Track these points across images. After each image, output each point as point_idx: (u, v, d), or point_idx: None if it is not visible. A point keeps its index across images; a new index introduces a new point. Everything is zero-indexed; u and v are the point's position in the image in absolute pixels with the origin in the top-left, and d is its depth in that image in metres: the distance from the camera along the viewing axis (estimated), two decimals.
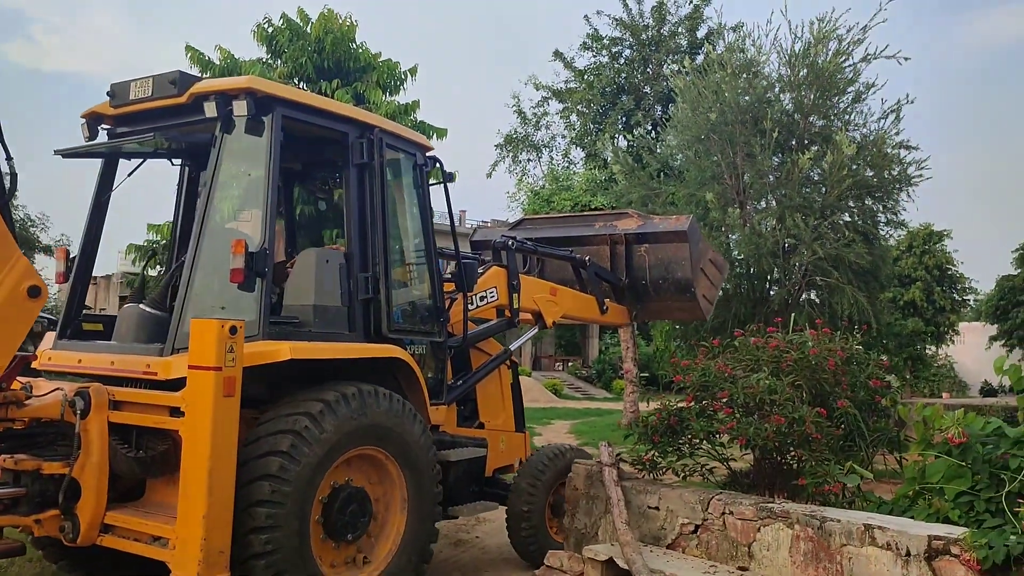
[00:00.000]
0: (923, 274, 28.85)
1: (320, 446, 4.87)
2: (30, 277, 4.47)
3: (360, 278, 5.67)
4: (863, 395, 6.94)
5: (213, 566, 4.37)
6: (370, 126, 5.94)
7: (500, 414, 7.29)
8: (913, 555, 4.72)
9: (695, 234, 8.49)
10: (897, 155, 14.82)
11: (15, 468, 4.81)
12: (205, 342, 4.47)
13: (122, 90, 5.62)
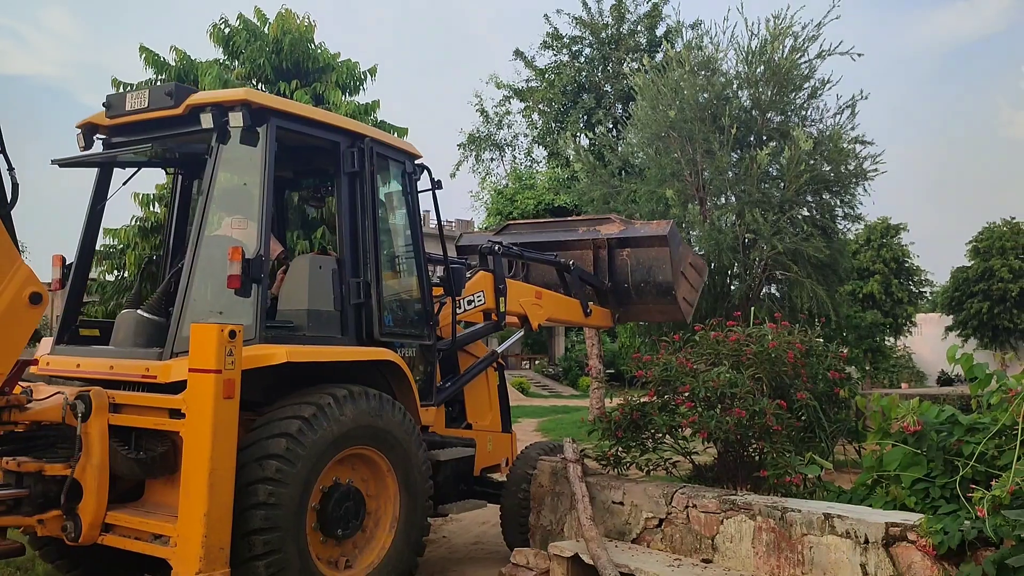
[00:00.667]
0: (881, 267, 29.36)
1: (315, 448, 5.01)
2: (32, 284, 4.54)
3: (352, 283, 5.81)
4: (822, 387, 7.05)
5: (214, 562, 4.49)
6: (361, 136, 6.08)
7: (487, 415, 7.48)
8: (871, 542, 4.80)
9: (675, 238, 8.72)
10: (853, 150, 15.06)
11: (18, 470, 4.93)
12: (205, 346, 4.58)
13: (118, 101, 5.75)
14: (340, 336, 5.73)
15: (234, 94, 5.47)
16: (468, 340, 7.20)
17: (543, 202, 30.45)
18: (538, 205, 30.50)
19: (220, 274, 5.19)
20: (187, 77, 15.05)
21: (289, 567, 4.83)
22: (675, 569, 5.40)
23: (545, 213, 30.26)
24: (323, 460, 5.12)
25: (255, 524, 4.73)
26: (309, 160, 6.49)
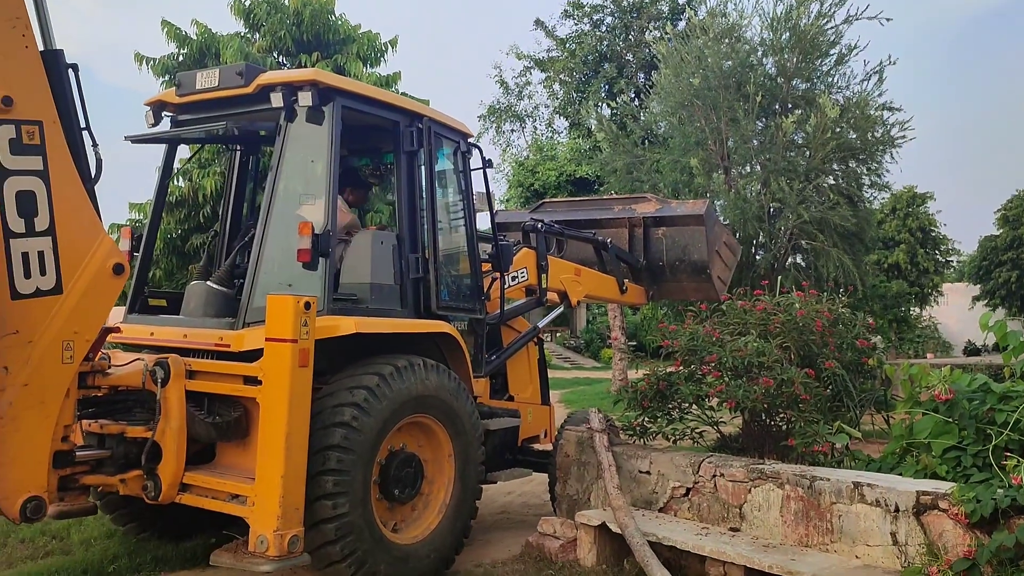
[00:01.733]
0: (907, 236, 29.05)
1: (379, 416, 5.23)
2: (115, 255, 4.75)
3: (411, 258, 6.00)
4: (850, 356, 6.99)
5: (290, 521, 4.69)
6: (419, 115, 6.20)
7: (528, 387, 7.62)
8: (902, 511, 4.78)
9: (711, 218, 8.86)
10: (880, 117, 14.79)
11: (100, 432, 5.22)
12: (282, 316, 4.74)
13: (188, 80, 5.93)
14: (400, 309, 5.94)
15: (303, 74, 5.64)
16: (513, 315, 7.40)
17: (565, 173, 30.23)
18: (560, 176, 30.30)
19: (289, 248, 5.39)
20: (208, 51, 15.06)
21: (356, 530, 5.07)
22: (703, 537, 5.41)
23: (567, 184, 30.08)
24: (386, 428, 5.34)
25: (325, 489, 4.95)
26: (364, 138, 6.61)
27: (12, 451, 4.39)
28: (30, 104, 4.43)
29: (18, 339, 4.38)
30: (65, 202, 4.56)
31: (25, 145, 4.42)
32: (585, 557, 5.82)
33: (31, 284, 4.43)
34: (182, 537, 6.33)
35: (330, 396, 5.18)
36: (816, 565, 4.84)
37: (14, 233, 4.37)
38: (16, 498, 4.43)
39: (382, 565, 5.23)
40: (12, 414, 4.38)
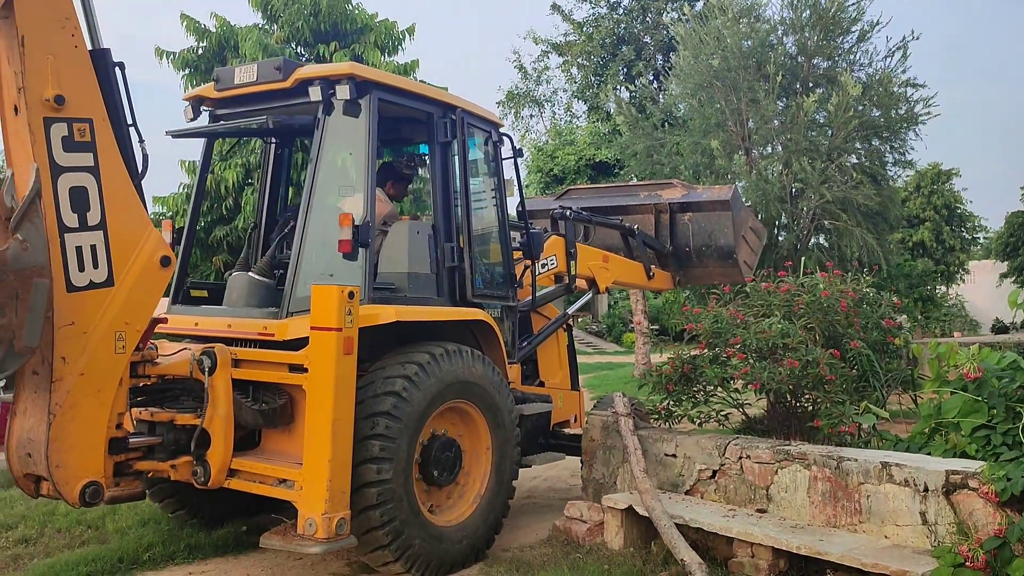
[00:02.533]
0: (932, 214, 28.69)
1: (419, 403, 5.38)
2: (162, 248, 4.91)
3: (446, 247, 6.10)
4: (876, 336, 6.95)
5: (337, 504, 4.84)
6: (453, 107, 6.29)
7: (558, 373, 7.74)
8: (931, 490, 4.76)
9: (737, 203, 8.92)
10: (904, 93, 14.59)
11: (151, 419, 5.38)
12: (327, 306, 4.87)
13: (226, 75, 6.06)
14: (436, 297, 6.04)
15: (340, 68, 5.72)
16: (544, 301, 7.49)
17: (584, 157, 30.12)
18: (579, 161, 30.19)
19: (330, 239, 5.50)
20: (228, 43, 15.12)
21: (400, 514, 5.23)
22: (730, 519, 5.42)
23: (587, 169, 29.98)
24: (426, 414, 5.49)
25: (370, 477, 5.10)
26: (396, 129, 6.67)
27: (71, 438, 4.58)
28: (81, 102, 4.57)
29: (74, 330, 4.54)
30: (115, 197, 4.71)
31: (77, 142, 4.55)
32: (612, 540, 5.85)
33: (85, 277, 4.58)
34: (226, 522, 6.56)
35: (371, 386, 5.31)
36: (844, 545, 4.83)
37: (68, 228, 4.51)
38: (76, 483, 4.61)
39: (417, 540, 5.38)
40: (70, 402, 4.54)
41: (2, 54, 4.44)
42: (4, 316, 4.06)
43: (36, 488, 4.79)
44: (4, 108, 4.52)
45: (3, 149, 4.76)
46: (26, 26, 4.36)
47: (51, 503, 6.96)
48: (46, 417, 4.50)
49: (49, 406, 4.50)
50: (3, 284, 4.04)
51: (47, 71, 4.44)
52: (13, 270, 4.08)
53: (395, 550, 5.26)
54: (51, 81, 4.44)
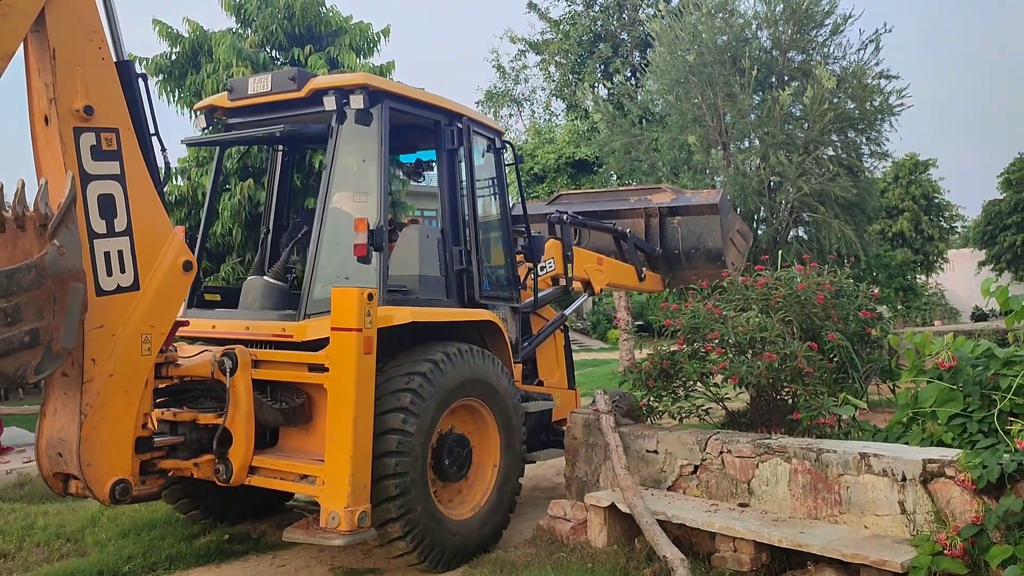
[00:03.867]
0: (910, 204, 28.88)
1: (433, 400, 5.57)
2: (184, 253, 5.11)
3: (454, 251, 6.32)
4: (854, 327, 6.98)
5: (359, 498, 5.03)
6: (459, 115, 6.51)
7: (555, 373, 7.99)
8: (909, 479, 4.79)
9: (725, 207, 9.20)
10: (878, 85, 14.71)
11: (173, 419, 5.58)
12: (347, 307, 5.06)
13: (240, 85, 6.24)
14: (445, 299, 6.26)
15: (354, 78, 5.88)
16: (544, 303, 7.66)
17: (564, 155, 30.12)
18: (559, 159, 30.19)
19: (344, 243, 5.69)
20: (201, 48, 15.00)
21: (416, 506, 5.41)
22: (712, 514, 5.43)
23: (566, 167, 29.99)
24: (440, 411, 5.68)
25: (388, 470, 5.27)
26: (403, 136, 6.74)
27: (101, 437, 4.74)
28: (108, 112, 4.76)
29: (103, 333, 4.72)
30: (140, 204, 4.90)
31: (104, 151, 4.75)
32: (596, 538, 5.85)
33: (112, 281, 4.77)
34: (239, 521, 6.80)
35: (388, 383, 5.47)
36: (825, 537, 4.85)
37: (96, 234, 4.70)
38: (106, 480, 4.77)
39: (431, 532, 5.55)
40: (100, 402, 4.71)
41: (33, 67, 4.61)
42: (42, 319, 4.18)
43: (65, 487, 4.95)
44: (34, 118, 4.68)
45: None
46: (57, 39, 4.52)
47: (29, 516, 6.90)
48: (77, 417, 4.66)
49: (80, 406, 4.66)
50: (42, 288, 4.16)
51: (76, 82, 4.61)
52: (51, 275, 4.20)
53: (411, 541, 5.42)
54: (80, 92, 4.61)
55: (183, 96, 14.84)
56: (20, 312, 4.07)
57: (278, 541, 6.48)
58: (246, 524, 6.82)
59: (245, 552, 6.28)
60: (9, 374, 4.11)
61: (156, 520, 6.86)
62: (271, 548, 6.36)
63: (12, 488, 8.04)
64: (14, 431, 10.11)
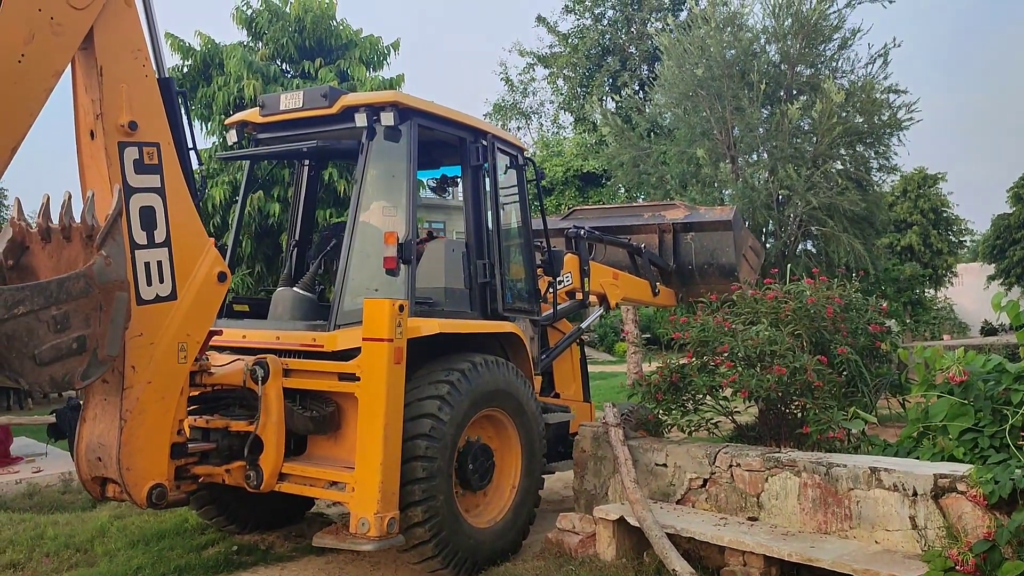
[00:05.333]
0: (919, 218, 28.86)
1: (460, 408, 5.66)
2: (219, 264, 5.24)
3: (478, 264, 6.44)
4: (863, 341, 6.97)
5: (388, 505, 5.13)
6: (484, 132, 6.65)
7: (571, 385, 8.08)
8: (920, 494, 4.77)
9: (738, 223, 9.32)
10: (886, 100, 14.76)
11: (206, 426, 5.73)
12: (379, 318, 5.17)
13: (271, 102, 6.40)
14: (469, 311, 6.37)
15: (384, 96, 6.03)
16: (563, 316, 7.75)
17: (572, 168, 30.19)
18: (567, 172, 30.26)
19: (374, 256, 5.82)
20: (212, 61, 15.13)
21: (441, 512, 5.48)
22: (721, 528, 5.41)
23: (574, 180, 30.05)
24: (465, 420, 5.76)
25: (416, 475, 5.35)
26: (428, 152, 6.83)
27: (140, 442, 4.87)
28: (150, 127, 4.92)
29: (143, 341, 4.86)
30: (178, 216, 5.05)
31: (146, 165, 4.91)
32: (604, 552, 5.83)
33: (152, 291, 4.92)
34: (263, 528, 6.89)
35: (416, 390, 5.56)
36: (835, 552, 4.83)
37: (138, 245, 4.85)
38: (144, 485, 4.91)
39: (455, 538, 5.62)
40: (139, 408, 4.85)
41: (80, 83, 4.77)
42: (89, 327, 4.29)
43: (102, 490, 5.08)
44: (80, 133, 4.83)
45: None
46: (104, 57, 4.69)
47: (38, 526, 6.92)
48: (118, 422, 4.80)
49: (120, 412, 4.80)
50: (89, 297, 4.27)
51: (122, 99, 4.77)
52: (98, 284, 4.30)
53: (435, 546, 5.49)
54: (125, 108, 4.78)
55: (195, 108, 14.95)
56: (69, 320, 4.19)
57: (286, 552, 6.49)
58: (255, 535, 6.82)
59: (254, 563, 6.28)
60: (57, 379, 4.21)
61: (165, 531, 6.87)
62: (279, 560, 6.36)
63: (21, 498, 8.07)
64: (23, 441, 10.13)
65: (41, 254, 4.55)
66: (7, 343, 3.95)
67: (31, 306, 4.03)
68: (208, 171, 14.40)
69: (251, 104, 10.51)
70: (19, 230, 4.57)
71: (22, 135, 4.36)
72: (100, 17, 4.64)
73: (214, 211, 14.31)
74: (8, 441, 9.52)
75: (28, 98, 4.33)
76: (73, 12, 4.47)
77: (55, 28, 4.39)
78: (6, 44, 4.20)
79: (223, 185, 14.12)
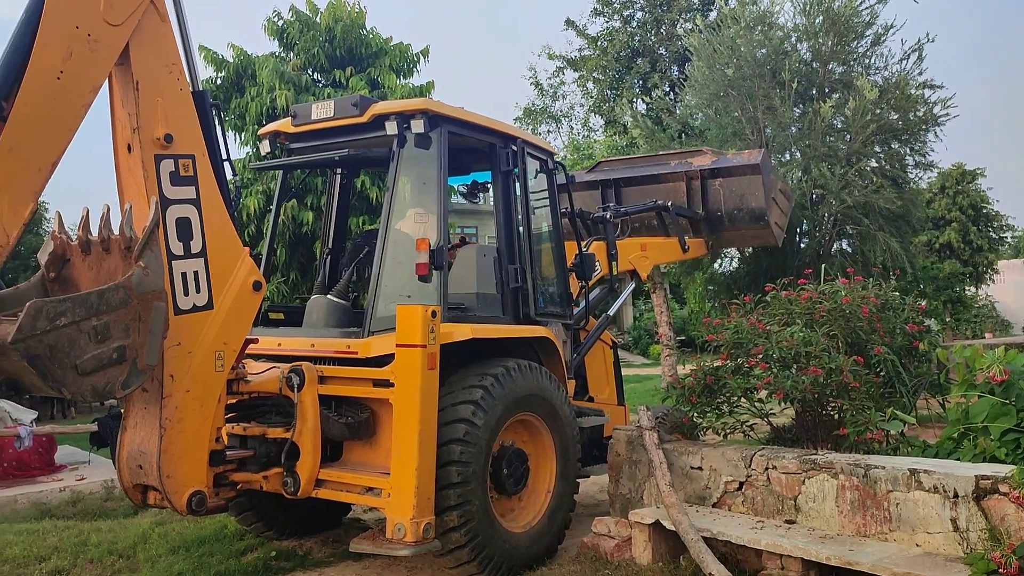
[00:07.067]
0: (957, 215, 28.34)
1: (493, 413, 5.67)
2: (254, 274, 5.32)
3: (509, 269, 6.44)
4: (901, 341, 6.87)
5: (424, 510, 5.18)
6: (514, 138, 6.67)
7: (605, 389, 8.08)
8: (961, 496, 4.70)
9: (767, 166, 9.21)
10: (921, 95, 14.51)
11: (243, 434, 5.80)
12: (412, 324, 5.21)
13: (304, 111, 6.49)
14: (501, 316, 6.39)
15: (414, 104, 6.03)
16: (593, 309, 7.69)
17: None
18: None
19: (406, 262, 5.89)
20: (245, 72, 15.32)
21: (476, 517, 5.50)
22: (758, 531, 5.37)
23: None
24: (500, 424, 5.77)
25: (451, 479, 5.39)
26: (458, 159, 6.87)
27: (179, 450, 4.96)
28: (185, 140, 5.01)
29: (181, 350, 4.94)
30: (213, 226, 5.14)
31: (182, 176, 5.00)
32: (640, 555, 5.81)
33: (189, 301, 5.00)
34: (301, 534, 6.99)
35: (451, 395, 5.59)
36: (875, 555, 4.77)
37: (175, 255, 4.94)
38: (184, 492, 4.99)
39: (491, 543, 5.64)
40: (178, 416, 4.93)
41: (117, 98, 4.87)
42: (129, 336, 4.36)
43: (144, 498, 5.17)
44: (118, 146, 4.93)
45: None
46: (140, 72, 4.79)
47: (82, 533, 7.05)
48: (157, 431, 4.88)
49: (160, 420, 4.88)
50: (128, 307, 4.35)
51: (157, 112, 4.87)
52: (137, 294, 4.39)
53: (471, 551, 5.50)
54: (161, 121, 4.87)
55: (228, 119, 15.15)
56: (109, 330, 4.27)
57: (324, 558, 6.55)
58: (292, 541, 6.89)
59: (292, 569, 6.35)
60: (99, 389, 4.29)
61: (205, 537, 6.97)
62: (317, 565, 6.42)
63: (65, 505, 8.22)
64: (67, 449, 10.32)
65: (82, 266, 4.68)
66: (50, 354, 4.04)
67: (73, 317, 4.12)
68: (242, 181, 14.58)
69: (284, 114, 10.64)
70: (60, 243, 4.71)
71: (62, 150, 4.46)
72: (136, 33, 4.73)
73: (249, 220, 14.48)
74: (52, 450, 9.71)
75: (67, 114, 4.43)
76: (110, 28, 4.57)
77: (92, 45, 4.49)
78: (45, 62, 4.31)
79: (257, 194, 14.29)
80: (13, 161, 4.24)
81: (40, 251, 4.77)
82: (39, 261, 4.74)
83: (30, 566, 6.33)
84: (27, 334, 3.94)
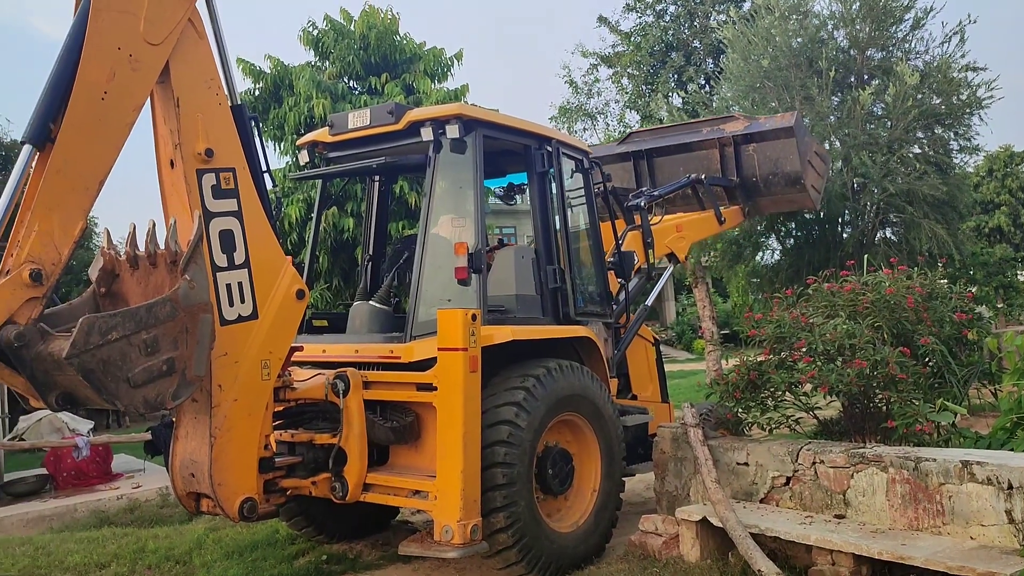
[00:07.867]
0: (1007, 198, 27.75)
1: (536, 414, 5.71)
2: (297, 282, 5.42)
3: (548, 270, 6.47)
4: (949, 330, 6.75)
5: (470, 512, 5.22)
6: (548, 138, 6.68)
7: (648, 387, 8.08)
8: (1016, 487, 4.61)
9: (801, 129, 9.04)
10: (964, 79, 14.16)
11: (291, 440, 5.88)
12: (453, 328, 5.27)
13: (340, 120, 6.59)
14: (541, 317, 6.41)
15: (448, 109, 6.10)
16: (632, 302, 7.66)
17: None
18: None
19: (445, 267, 5.94)
20: (282, 82, 15.53)
21: (523, 518, 5.54)
22: (807, 526, 5.32)
23: None
24: (543, 424, 5.81)
25: (496, 481, 5.43)
26: (494, 162, 6.92)
27: (230, 458, 5.06)
28: (225, 154, 5.12)
29: (227, 360, 5.04)
30: (256, 237, 5.23)
31: (223, 190, 5.10)
32: (688, 553, 5.79)
33: (234, 311, 5.10)
34: (351, 537, 7.09)
35: (493, 397, 5.63)
36: (929, 549, 4.71)
37: (219, 267, 5.03)
38: (235, 499, 5.10)
39: (538, 543, 5.68)
40: (227, 425, 5.04)
41: (159, 115, 4.99)
42: (177, 349, 4.45)
43: (197, 505, 5.28)
44: (161, 162, 5.06)
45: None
46: (180, 89, 4.91)
47: (140, 540, 7.22)
48: (208, 440, 4.98)
49: (210, 429, 4.97)
50: (176, 320, 4.43)
51: (198, 127, 4.99)
52: (184, 307, 4.48)
53: (519, 551, 5.55)
54: (201, 136, 4.99)
55: (267, 130, 15.37)
56: (158, 343, 4.36)
57: (374, 561, 6.63)
58: (343, 545, 6.99)
59: (343, 572, 6.44)
60: (150, 400, 4.39)
61: (258, 542, 7.10)
62: (367, 568, 6.51)
63: (123, 513, 8.44)
64: (123, 458, 10.58)
65: (130, 281, 4.79)
66: (103, 368, 4.14)
67: (123, 331, 4.22)
68: (283, 190, 14.79)
69: (321, 122, 10.78)
70: (109, 259, 4.82)
71: (109, 168, 4.58)
72: (175, 51, 4.84)
73: (290, 229, 14.69)
74: (109, 459, 9.97)
75: (112, 133, 4.55)
76: (150, 48, 4.68)
77: (134, 64, 4.61)
78: (90, 82, 4.43)
79: (298, 203, 14.49)
80: (62, 181, 4.37)
81: (91, 267, 4.90)
82: (90, 277, 4.88)
83: (91, 573, 6.51)
84: (81, 349, 4.05)
